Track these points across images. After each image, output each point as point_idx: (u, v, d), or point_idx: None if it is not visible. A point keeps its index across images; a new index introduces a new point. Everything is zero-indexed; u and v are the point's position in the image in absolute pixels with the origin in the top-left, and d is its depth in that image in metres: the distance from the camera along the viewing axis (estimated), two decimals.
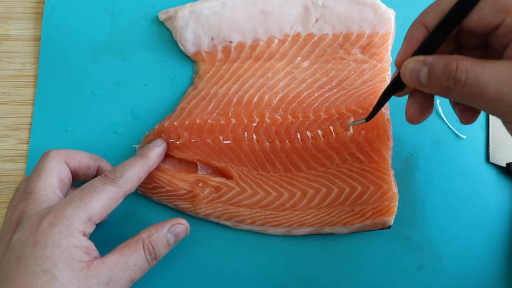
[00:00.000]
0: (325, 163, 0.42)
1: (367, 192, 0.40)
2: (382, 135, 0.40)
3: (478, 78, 0.28)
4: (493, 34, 0.30)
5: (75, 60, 0.47)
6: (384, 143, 0.40)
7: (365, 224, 0.40)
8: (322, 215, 0.41)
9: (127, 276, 0.34)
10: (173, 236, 0.38)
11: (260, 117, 0.43)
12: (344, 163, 0.41)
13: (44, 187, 0.36)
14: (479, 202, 0.43)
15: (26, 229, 0.33)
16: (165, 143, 0.42)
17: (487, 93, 0.27)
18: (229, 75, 0.45)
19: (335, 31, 0.45)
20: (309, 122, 0.42)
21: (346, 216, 0.41)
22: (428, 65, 0.30)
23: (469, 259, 0.42)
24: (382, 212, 0.40)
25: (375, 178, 0.40)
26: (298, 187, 0.42)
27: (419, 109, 0.35)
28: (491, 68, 0.28)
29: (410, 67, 0.30)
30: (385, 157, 0.40)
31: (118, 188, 0.36)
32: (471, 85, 0.28)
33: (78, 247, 0.33)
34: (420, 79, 0.30)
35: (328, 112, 0.42)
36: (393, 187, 0.40)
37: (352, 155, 0.41)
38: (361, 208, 0.41)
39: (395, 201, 0.40)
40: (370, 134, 0.40)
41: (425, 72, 0.30)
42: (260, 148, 0.42)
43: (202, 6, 0.46)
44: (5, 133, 0.46)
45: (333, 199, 0.41)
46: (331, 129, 0.41)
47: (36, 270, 0.31)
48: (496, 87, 0.27)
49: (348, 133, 0.40)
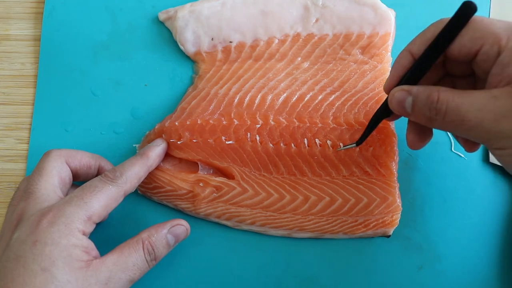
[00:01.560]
0: (330, 173, 0.42)
1: (373, 203, 0.41)
2: (389, 151, 0.41)
3: (458, 108, 0.29)
4: (474, 62, 0.31)
5: (75, 60, 0.47)
6: (391, 158, 0.41)
7: (366, 233, 0.41)
8: (323, 223, 0.41)
9: (126, 276, 0.34)
10: (173, 237, 0.38)
11: (264, 119, 0.43)
12: (352, 175, 0.42)
13: (45, 187, 0.36)
14: (478, 203, 0.43)
15: (26, 227, 0.33)
16: (165, 142, 0.42)
17: (468, 121, 0.29)
18: (229, 75, 0.45)
19: (335, 31, 0.45)
20: (317, 129, 0.42)
21: (348, 226, 0.41)
22: (412, 95, 0.32)
23: (468, 259, 0.42)
24: (385, 224, 0.40)
25: (382, 191, 0.41)
26: (300, 191, 0.42)
27: (418, 135, 0.36)
28: (470, 98, 0.29)
29: (397, 96, 0.32)
30: (392, 171, 0.41)
31: (118, 187, 0.37)
32: (452, 114, 0.30)
33: (78, 246, 0.33)
34: (405, 108, 0.32)
35: (336, 120, 0.42)
36: (397, 200, 0.41)
37: (360, 168, 0.41)
38: (365, 219, 0.41)
39: (398, 213, 0.41)
40: (378, 150, 0.41)
41: (410, 102, 0.32)
42: (264, 149, 0.42)
43: (202, 6, 0.46)
44: (5, 133, 0.46)
45: (335, 208, 0.41)
46: (341, 145, 0.41)
47: (34, 269, 0.31)
48: (475, 115, 0.29)
49: (356, 149, 0.41)
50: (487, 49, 0.30)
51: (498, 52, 0.29)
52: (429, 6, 0.48)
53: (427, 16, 0.47)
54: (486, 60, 0.30)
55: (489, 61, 0.30)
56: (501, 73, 0.29)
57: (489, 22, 0.30)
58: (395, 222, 0.41)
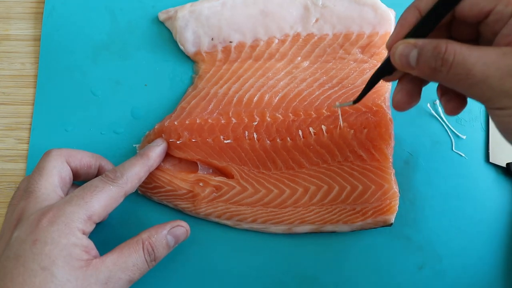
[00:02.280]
0: (327, 159, 0.42)
1: (368, 191, 0.41)
2: (384, 134, 0.41)
3: (465, 60, 0.28)
4: (484, 23, 0.30)
5: (75, 60, 0.47)
6: (386, 141, 0.41)
7: (366, 222, 0.41)
8: (323, 213, 0.41)
9: (126, 276, 0.34)
10: (173, 238, 0.38)
11: (260, 116, 0.43)
12: (346, 160, 0.41)
13: (45, 186, 0.36)
14: (479, 202, 0.43)
15: (25, 227, 0.33)
16: (165, 142, 0.42)
17: (473, 75, 0.28)
18: (229, 75, 0.45)
19: (335, 31, 0.45)
20: (311, 120, 0.42)
21: (347, 215, 0.41)
22: (418, 48, 0.30)
23: (469, 259, 0.42)
24: (383, 211, 0.40)
25: (376, 177, 0.41)
26: (300, 183, 0.42)
27: (406, 96, 0.35)
28: (478, 52, 0.28)
29: (401, 49, 0.31)
30: (387, 156, 0.41)
31: (119, 187, 0.37)
32: (458, 67, 0.28)
33: (77, 246, 0.33)
34: (409, 61, 0.31)
35: (330, 109, 0.42)
36: (393, 186, 0.40)
37: (354, 152, 0.41)
38: (362, 207, 0.41)
39: (396, 199, 0.40)
40: (372, 132, 0.41)
41: (415, 54, 0.30)
42: (261, 146, 0.42)
43: (202, 6, 0.46)
44: (5, 133, 0.46)
45: (334, 196, 0.41)
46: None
47: (34, 268, 0.31)
48: (481, 70, 0.28)
49: (351, 130, 0.41)
50: (501, 9, 0.29)
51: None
52: None
53: None
54: (499, 20, 0.29)
55: (502, 21, 0.29)
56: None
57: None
58: (394, 209, 0.40)
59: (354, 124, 0.41)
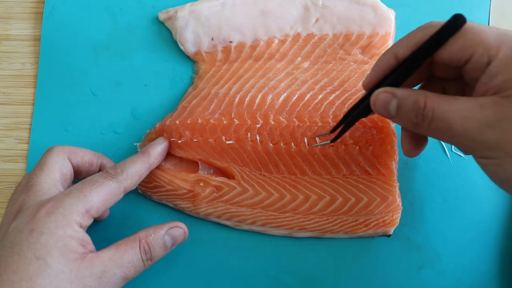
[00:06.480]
0: (331, 171, 0.42)
1: (373, 203, 0.41)
2: (389, 150, 0.41)
3: (444, 115, 0.29)
4: (464, 69, 0.31)
5: (75, 60, 0.47)
6: (391, 157, 0.41)
7: (367, 233, 0.41)
8: (324, 223, 0.41)
9: (121, 273, 0.34)
10: (170, 239, 0.37)
11: (264, 118, 0.43)
12: (352, 174, 0.42)
13: (46, 181, 0.36)
14: (478, 203, 0.43)
15: (24, 217, 0.33)
16: (167, 141, 0.42)
17: (453, 129, 0.29)
18: (229, 75, 0.45)
19: (335, 31, 0.45)
20: (317, 128, 0.42)
21: (349, 226, 0.41)
22: (398, 99, 0.31)
23: (468, 259, 0.42)
24: (385, 223, 0.40)
25: (382, 190, 0.41)
26: (301, 190, 0.42)
27: (414, 143, 0.36)
28: (457, 105, 0.29)
29: (382, 98, 0.32)
30: (392, 171, 0.41)
31: (119, 183, 0.37)
32: (438, 121, 0.29)
33: (74, 238, 0.33)
34: (389, 110, 0.31)
35: (336, 119, 0.42)
36: (397, 199, 0.41)
37: (360, 167, 0.41)
38: (365, 218, 0.41)
39: (398, 212, 0.41)
40: (378, 149, 0.41)
41: (395, 105, 0.31)
42: (264, 149, 0.42)
43: (202, 6, 0.46)
44: (5, 133, 0.46)
45: (336, 208, 0.41)
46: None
47: (29, 256, 0.31)
48: (460, 123, 0.28)
49: (356, 147, 0.41)
50: (477, 58, 0.29)
51: (488, 62, 0.29)
52: (429, 6, 0.48)
53: (427, 16, 0.47)
54: (476, 69, 0.29)
55: (479, 70, 0.29)
56: (489, 83, 0.29)
57: (479, 30, 0.29)
58: (396, 222, 0.41)
59: (360, 141, 0.41)
